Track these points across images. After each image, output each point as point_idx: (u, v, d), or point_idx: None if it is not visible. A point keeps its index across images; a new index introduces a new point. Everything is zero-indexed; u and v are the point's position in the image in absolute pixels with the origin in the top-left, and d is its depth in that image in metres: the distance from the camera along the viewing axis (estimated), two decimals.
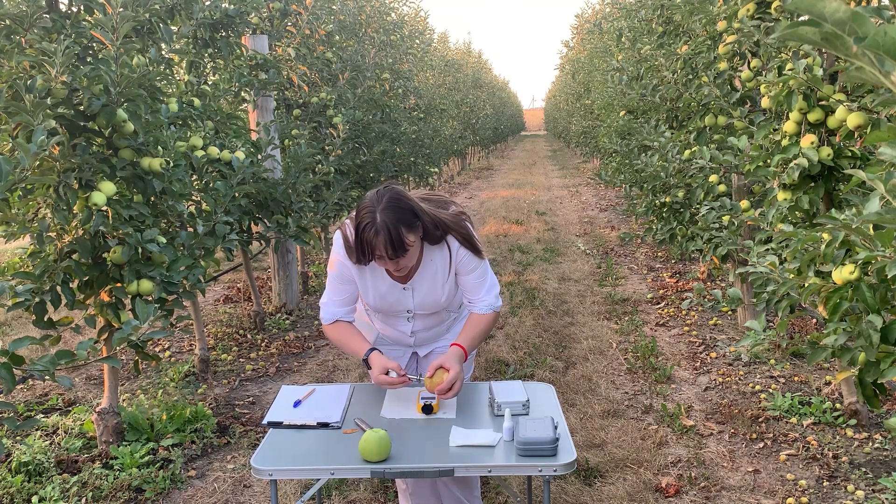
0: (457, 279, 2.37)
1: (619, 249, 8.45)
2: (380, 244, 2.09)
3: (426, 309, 2.39)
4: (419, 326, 2.46)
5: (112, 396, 3.48)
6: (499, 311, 2.43)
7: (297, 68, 5.91)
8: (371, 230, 2.09)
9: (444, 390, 2.18)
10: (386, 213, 2.09)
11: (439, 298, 2.36)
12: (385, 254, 2.11)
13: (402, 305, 2.38)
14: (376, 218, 2.09)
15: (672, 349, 4.90)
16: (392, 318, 2.45)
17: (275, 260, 5.99)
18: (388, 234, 2.08)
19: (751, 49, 4.10)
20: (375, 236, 2.09)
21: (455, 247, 2.31)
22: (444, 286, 2.35)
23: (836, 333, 2.00)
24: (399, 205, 2.12)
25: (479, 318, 2.38)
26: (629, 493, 3.07)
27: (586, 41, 15.09)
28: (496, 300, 2.40)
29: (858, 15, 0.88)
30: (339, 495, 3.13)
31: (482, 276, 2.37)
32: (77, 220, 2.95)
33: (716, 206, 3.81)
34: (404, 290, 2.35)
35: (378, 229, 2.08)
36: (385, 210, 2.10)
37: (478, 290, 2.37)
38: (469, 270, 2.34)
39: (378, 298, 2.36)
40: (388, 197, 2.12)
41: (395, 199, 2.12)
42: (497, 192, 14.97)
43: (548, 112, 40.34)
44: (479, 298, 2.38)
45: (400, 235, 2.09)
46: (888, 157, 1.36)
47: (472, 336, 2.35)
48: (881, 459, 3.25)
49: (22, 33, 2.91)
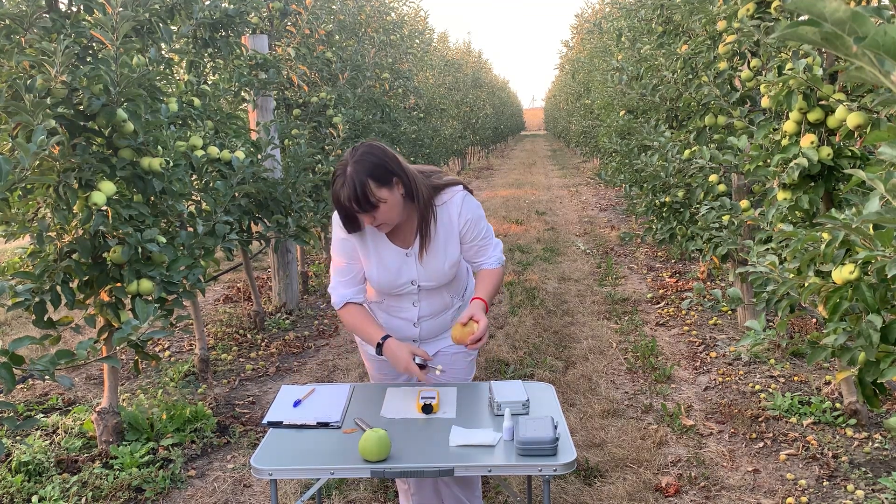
0: (462, 248, 2.38)
1: (618, 249, 8.45)
2: (344, 197, 2.11)
3: (430, 279, 2.36)
4: (425, 311, 2.42)
5: (112, 396, 3.48)
6: (505, 266, 2.49)
7: (296, 68, 5.91)
8: (339, 181, 2.12)
9: (477, 339, 2.22)
10: (356, 165, 2.10)
11: (442, 264, 2.34)
12: (351, 207, 2.12)
13: (406, 276, 2.35)
14: (346, 171, 2.11)
15: (672, 349, 4.90)
16: (397, 301, 2.42)
17: (275, 260, 5.99)
18: (353, 187, 2.08)
19: (751, 49, 4.10)
20: (341, 188, 2.11)
21: (456, 206, 2.32)
22: (447, 250, 2.33)
23: (835, 333, 2.00)
24: (371, 158, 2.12)
25: (490, 272, 2.43)
26: (629, 493, 3.07)
27: (586, 41, 15.10)
28: (502, 255, 2.46)
29: (858, 15, 0.88)
30: (339, 495, 3.13)
31: (489, 237, 2.42)
32: (77, 219, 2.95)
33: (716, 205, 3.82)
34: (407, 257, 2.34)
35: (345, 181, 2.10)
36: (356, 162, 2.11)
37: (485, 252, 2.42)
38: (474, 236, 2.37)
39: (382, 270, 2.33)
40: (362, 150, 2.14)
41: (369, 153, 2.13)
42: (497, 191, 14.97)
43: (548, 112, 40.36)
44: (487, 256, 2.42)
45: (366, 189, 2.08)
46: (888, 156, 1.36)
47: (488, 289, 2.39)
48: (881, 459, 3.25)
49: (22, 33, 2.90)
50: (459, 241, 2.36)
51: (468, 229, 2.34)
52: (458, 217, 2.32)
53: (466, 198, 2.34)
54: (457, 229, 2.33)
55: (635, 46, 6.24)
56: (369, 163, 2.11)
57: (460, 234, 2.35)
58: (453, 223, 2.32)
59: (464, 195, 2.34)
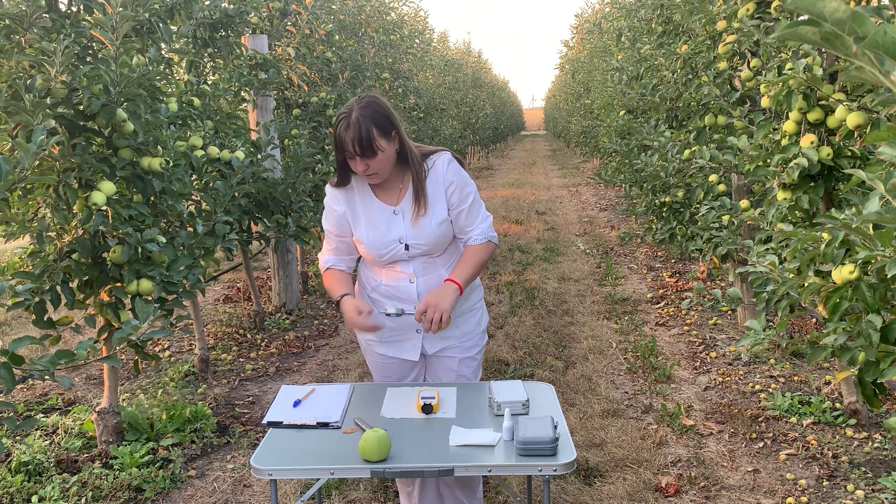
0: (450, 215, 2.39)
1: (618, 249, 8.45)
2: (348, 138, 2.20)
3: (419, 238, 2.36)
4: (422, 288, 2.40)
5: (112, 396, 3.48)
6: (496, 243, 2.46)
7: (296, 68, 5.91)
8: (344, 124, 2.21)
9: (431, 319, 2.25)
10: (361, 111, 2.21)
11: (430, 221, 2.35)
12: (353, 150, 2.21)
13: (395, 233, 2.36)
14: (352, 115, 2.20)
15: (672, 349, 4.90)
16: (390, 261, 2.41)
17: (275, 260, 5.99)
18: (359, 129, 2.18)
19: (750, 49, 4.10)
20: (346, 130, 2.20)
21: (442, 166, 2.37)
22: (435, 209, 2.35)
23: (835, 333, 2.00)
24: (376, 107, 2.23)
25: (472, 249, 2.41)
26: (629, 493, 3.07)
27: (586, 41, 15.10)
28: (490, 230, 2.43)
29: (858, 14, 0.88)
30: (339, 495, 3.13)
31: (476, 206, 2.41)
32: (77, 219, 2.95)
33: (715, 205, 3.81)
34: (395, 214, 2.37)
35: (350, 124, 2.20)
36: (362, 108, 2.22)
37: (473, 220, 2.41)
38: (461, 199, 2.38)
39: (370, 228, 2.37)
40: (367, 99, 2.25)
41: (374, 102, 2.25)
42: (497, 191, 14.97)
43: (547, 112, 40.34)
44: (473, 227, 2.41)
45: (370, 134, 2.19)
46: (888, 156, 1.36)
47: (465, 268, 2.37)
48: (881, 459, 3.25)
49: (22, 33, 2.90)
50: (447, 203, 2.38)
51: (454, 191, 2.37)
52: (443, 177, 2.36)
53: (452, 161, 2.40)
54: (443, 188, 2.37)
55: (635, 46, 6.24)
56: (374, 111, 2.22)
57: (447, 196, 2.37)
58: (439, 183, 2.37)
59: (450, 158, 2.40)
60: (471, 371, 2.54)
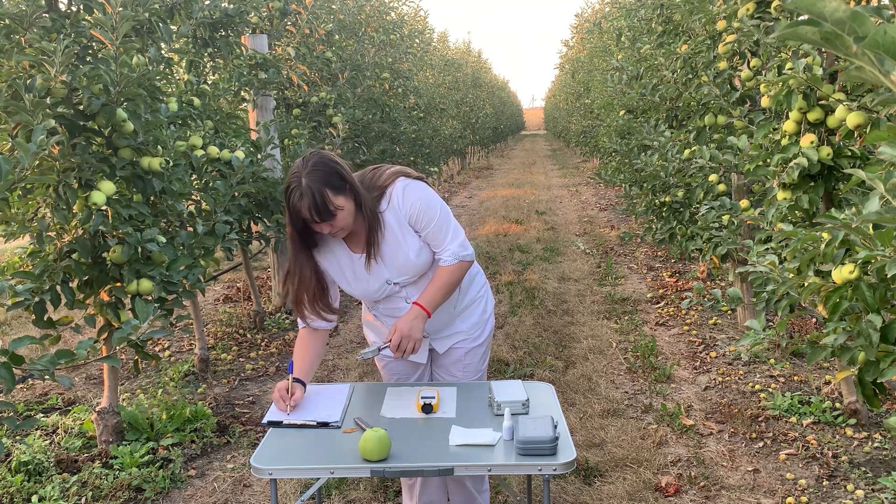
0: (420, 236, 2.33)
1: (618, 249, 8.45)
2: (304, 208, 2.12)
3: (404, 273, 2.34)
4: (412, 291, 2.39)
5: (112, 396, 3.48)
6: (469, 261, 2.37)
7: (296, 68, 5.91)
8: (296, 194, 2.12)
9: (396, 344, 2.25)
10: (310, 176, 2.11)
11: (408, 255, 2.31)
12: (312, 218, 2.13)
13: (381, 276, 2.34)
14: (301, 182, 2.11)
15: (672, 349, 4.90)
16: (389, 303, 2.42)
17: (274, 259, 5.99)
18: (312, 197, 2.09)
19: (750, 48, 4.10)
20: (299, 200, 2.11)
21: (398, 197, 2.27)
22: (406, 242, 2.30)
23: (835, 333, 2.00)
24: (324, 167, 2.14)
25: (442, 271, 2.33)
26: (629, 493, 3.07)
27: (586, 41, 15.09)
28: (461, 248, 2.32)
29: (858, 14, 0.88)
30: (339, 494, 3.13)
31: (443, 225, 2.30)
32: (77, 219, 2.95)
33: (715, 205, 3.82)
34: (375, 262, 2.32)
35: (303, 193, 2.10)
36: (309, 173, 2.11)
37: (440, 241, 2.32)
38: (426, 223, 2.29)
39: (354, 280, 2.34)
40: (313, 160, 2.15)
41: (321, 162, 2.15)
42: (497, 191, 14.97)
43: (547, 112, 40.33)
44: (442, 249, 2.32)
45: (325, 199, 2.10)
46: (888, 156, 1.36)
47: (433, 292, 2.31)
48: (881, 459, 3.25)
49: (21, 33, 2.90)
50: (414, 230, 2.31)
51: (418, 216, 2.29)
52: (402, 209, 2.28)
53: (407, 187, 2.29)
54: (405, 220, 2.29)
55: (635, 46, 6.24)
56: (323, 171, 2.13)
57: (412, 226, 2.30)
58: (401, 217, 2.29)
59: (404, 185, 2.29)
60: (478, 358, 2.55)
